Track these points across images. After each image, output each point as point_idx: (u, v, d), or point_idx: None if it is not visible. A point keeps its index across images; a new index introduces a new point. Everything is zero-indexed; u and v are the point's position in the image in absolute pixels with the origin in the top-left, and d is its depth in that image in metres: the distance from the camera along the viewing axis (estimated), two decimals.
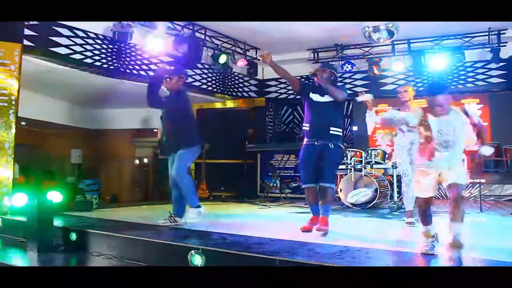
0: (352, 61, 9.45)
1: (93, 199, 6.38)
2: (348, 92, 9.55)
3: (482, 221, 5.75)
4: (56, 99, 10.05)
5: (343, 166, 7.67)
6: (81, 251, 4.26)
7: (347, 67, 9.41)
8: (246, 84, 10.47)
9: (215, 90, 9.56)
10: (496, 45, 8.44)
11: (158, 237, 3.93)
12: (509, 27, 8.26)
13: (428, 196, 3.37)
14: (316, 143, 4.49)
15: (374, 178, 7.17)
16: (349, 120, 10.52)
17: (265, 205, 7.66)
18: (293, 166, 9.25)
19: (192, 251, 3.44)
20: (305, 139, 4.62)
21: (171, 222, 4.83)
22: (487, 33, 8.44)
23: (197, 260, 3.35)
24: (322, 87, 4.54)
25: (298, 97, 10.40)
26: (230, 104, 10.38)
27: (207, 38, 8.48)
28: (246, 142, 9.38)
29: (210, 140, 8.89)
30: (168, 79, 4.88)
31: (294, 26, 8.09)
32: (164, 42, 7.51)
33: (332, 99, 4.52)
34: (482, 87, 9.19)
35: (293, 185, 9.33)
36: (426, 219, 3.44)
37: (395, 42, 9.05)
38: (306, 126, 4.63)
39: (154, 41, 7.30)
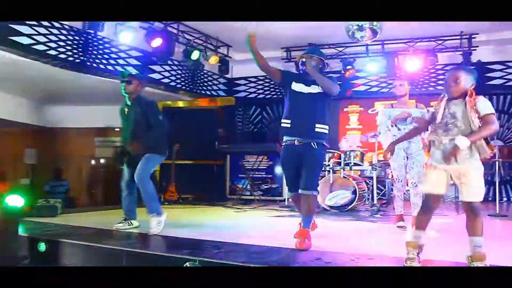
0: (326, 61, 9.24)
1: (57, 203, 5.82)
2: None
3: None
4: (10, 93, 9.27)
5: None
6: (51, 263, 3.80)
7: None
8: (216, 82, 10.11)
9: (183, 87, 9.14)
10: (467, 49, 8.53)
11: (147, 248, 3.55)
12: (480, 31, 8.37)
13: (438, 193, 2.99)
14: (296, 142, 3.83)
15: (352, 180, 7.01)
16: None
17: (240, 209, 7.34)
18: (265, 167, 8.98)
19: (188, 263, 3.10)
20: (284, 138, 3.95)
21: (128, 225, 4.66)
22: (459, 37, 8.52)
23: None
24: (307, 76, 3.91)
25: (269, 96, 10.30)
26: (198, 102, 9.96)
27: (179, 32, 8.06)
28: (216, 143, 9.01)
29: (178, 140, 8.52)
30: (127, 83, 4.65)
31: (268, 23, 7.81)
32: (136, 35, 7.04)
33: (319, 91, 3.88)
34: None
35: (264, 187, 9.03)
36: (423, 222, 3.02)
37: (369, 43, 8.98)
38: (285, 123, 3.90)
39: (126, 34, 6.82)
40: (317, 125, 3.85)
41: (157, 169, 9.93)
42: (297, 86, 3.93)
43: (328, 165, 7.17)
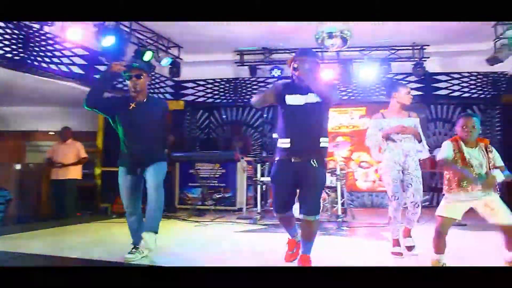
0: (281, 66, 9.07)
1: None
2: None
3: None
4: None
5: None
6: None
7: (276, 72, 8.99)
8: (162, 85, 9.52)
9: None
10: (418, 59, 8.70)
11: None
12: (431, 43, 8.57)
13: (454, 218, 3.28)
14: (293, 159, 3.41)
15: None
16: (269, 126, 10.15)
17: (198, 222, 6.88)
18: (218, 176, 8.57)
19: None
20: (279, 156, 3.51)
21: (140, 254, 3.90)
22: (411, 47, 8.67)
23: None
24: (301, 83, 3.45)
25: (218, 100, 9.87)
26: None
27: (131, 31, 7.42)
28: (166, 150, 8.43)
29: None
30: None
31: (223, 25, 7.44)
32: (86, 32, 6.35)
33: (317, 100, 3.41)
34: None
35: (217, 196, 8.62)
36: (441, 246, 3.28)
37: (324, 50, 8.89)
38: (284, 143, 3.46)
39: (74, 31, 6.11)
40: (321, 139, 3.44)
41: (98, 173, 9.22)
42: (291, 99, 3.46)
43: None
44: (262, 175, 7.29)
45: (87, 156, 7.81)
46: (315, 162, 3.40)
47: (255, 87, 9.84)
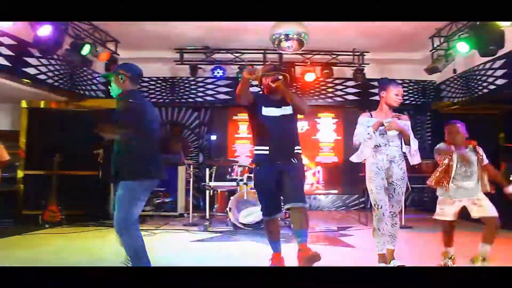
0: (223, 66, 8.82)
1: None
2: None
3: None
4: None
5: (234, 183, 7.02)
6: None
7: (218, 73, 8.72)
8: (95, 82, 8.81)
9: (62, 86, 7.72)
10: (358, 65, 8.91)
11: None
12: (371, 50, 8.81)
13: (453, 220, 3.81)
14: (278, 162, 3.64)
15: None
16: (206, 128, 9.84)
17: (144, 230, 6.42)
18: None
19: None
20: (259, 161, 3.73)
21: None
22: (351, 53, 8.85)
23: None
24: (275, 97, 3.74)
25: (154, 100, 9.32)
26: (81, 104, 8.52)
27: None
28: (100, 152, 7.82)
29: (54, 148, 7.20)
30: None
31: (163, 22, 7.04)
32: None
33: (290, 112, 3.72)
34: (338, 103, 9.65)
35: (156, 201, 8.15)
36: (447, 241, 3.87)
37: (267, 52, 8.80)
38: (263, 150, 3.69)
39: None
40: (295, 148, 3.74)
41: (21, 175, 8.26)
42: (268, 111, 3.73)
43: (241, 179, 6.71)
44: (210, 180, 7.01)
45: (9, 158, 6.97)
46: (295, 159, 3.70)
47: (193, 86, 9.47)
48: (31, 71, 6.85)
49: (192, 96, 9.48)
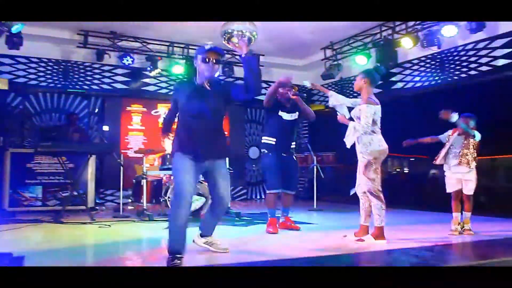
0: (133, 55, 8.54)
1: None
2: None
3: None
4: None
5: (168, 172, 7.04)
6: None
7: (127, 60, 8.40)
8: None
9: None
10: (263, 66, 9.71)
11: None
12: (265, 53, 9.66)
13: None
14: (283, 154, 5.09)
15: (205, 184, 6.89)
16: (96, 118, 9.29)
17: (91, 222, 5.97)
18: (63, 171, 7.41)
19: None
20: (266, 150, 5.13)
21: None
22: None
23: None
24: (288, 104, 5.07)
25: (44, 84, 8.48)
26: None
27: None
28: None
29: None
30: None
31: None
32: None
33: (296, 118, 5.15)
34: None
35: (63, 194, 7.42)
36: (454, 208, 4.90)
37: (175, 45, 8.88)
38: (271, 140, 5.09)
39: None
40: (292, 143, 5.23)
41: None
42: (283, 114, 5.08)
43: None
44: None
45: None
46: (295, 157, 5.30)
47: (89, 73, 8.86)
48: None
49: (87, 83, 8.87)
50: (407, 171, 8.56)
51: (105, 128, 9.21)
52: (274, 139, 5.08)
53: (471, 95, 7.02)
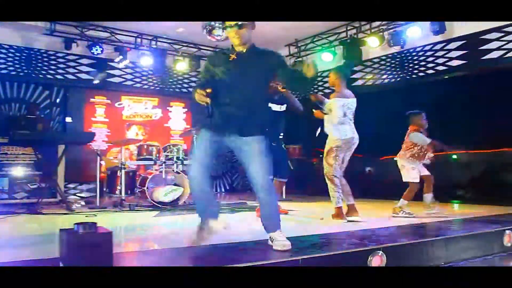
0: (103, 45, 8.39)
1: None
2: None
3: None
4: None
5: (150, 162, 7.05)
6: None
7: (96, 50, 8.23)
8: None
9: None
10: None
11: None
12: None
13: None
14: (273, 143, 4.98)
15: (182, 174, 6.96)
16: (58, 109, 9.00)
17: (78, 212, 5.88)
18: (32, 161, 7.20)
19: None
20: None
21: None
22: (213, 48, 9.65)
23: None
24: (277, 97, 5.18)
25: (5, 72, 8.22)
26: None
27: None
28: None
29: None
30: None
31: None
32: None
33: (284, 109, 5.35)
34: (188, 94, 10.31)
35: (31, 186, 7.17)
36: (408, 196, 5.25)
37: (144, 36, 8.83)
38: None
39: None
40: (281, 134, 5.46)
41: None
42: (272, 105, 5.17)
43: (159, 160, 6.90)
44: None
45: None
46: (284, 146, 5.57)
47: (53, 62, 8.58)
48: None
49: (51, 72, 8.60)
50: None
51: (68, 119, 8.99)
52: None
53: (427, 93, 7.59)
